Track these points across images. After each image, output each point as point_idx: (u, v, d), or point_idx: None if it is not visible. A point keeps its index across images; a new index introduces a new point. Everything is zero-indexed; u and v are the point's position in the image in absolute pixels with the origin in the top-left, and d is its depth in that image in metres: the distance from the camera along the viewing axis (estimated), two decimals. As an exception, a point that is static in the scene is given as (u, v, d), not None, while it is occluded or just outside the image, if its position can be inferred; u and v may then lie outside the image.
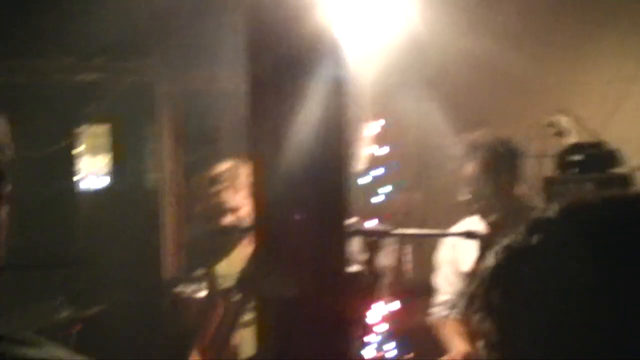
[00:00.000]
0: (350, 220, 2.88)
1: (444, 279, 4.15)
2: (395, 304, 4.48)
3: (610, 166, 4.56)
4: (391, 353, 4.46)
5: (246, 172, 3.47)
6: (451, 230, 3.98)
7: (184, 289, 4.79)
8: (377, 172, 4.83)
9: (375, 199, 4.80)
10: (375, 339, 4.38)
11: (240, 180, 4.01)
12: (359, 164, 4.70)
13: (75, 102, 6.14)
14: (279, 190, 2.69)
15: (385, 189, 4.82)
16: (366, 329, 4.23)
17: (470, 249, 3.75)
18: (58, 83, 5.93)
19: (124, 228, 6.11)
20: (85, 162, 6.44)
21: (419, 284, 4.47)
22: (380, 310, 4.41)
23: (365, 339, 4.23)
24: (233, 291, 3.73)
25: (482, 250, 3.59)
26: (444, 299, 4.15)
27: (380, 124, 4.92)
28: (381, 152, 4.90)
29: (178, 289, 4.87)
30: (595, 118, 5.11)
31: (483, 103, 5.24)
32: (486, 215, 3.93)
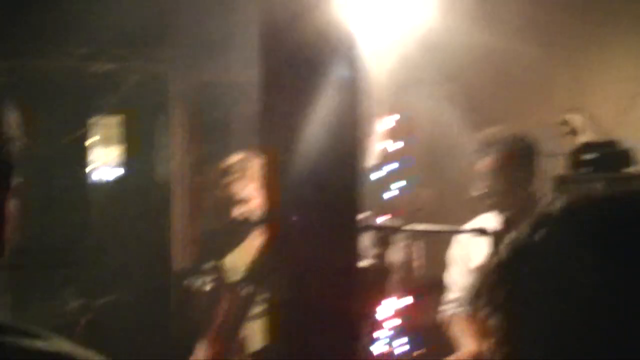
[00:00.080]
0: (362, 215, 2.88)
1: (456, 276, 4.14)
2: (407, 300, 4.47)
3: (624, 165, 4.53)
4: (402, 349, 4.44)
5: (258, 165, 3.47)
6: (464, 227, 3.96)
7: (194, 281, 4.79)
8: (391, 167, 4.81)
9: (389, 194, 4.78)
10: (386, 335, 4.37)
11: (251, 172, 4.01)
12: (373, 159, 4.68)
13: (89, 93, 6.16)
14: (291, 184, 2.69)
15: (399, 184, 4.81)
16: (376, 324, 4.22)
17: (483, 246, 3.73)
18: (72, 74, 5.94)
19: (135, 219, 6.12)
20: (98, 153, 6.46)
21: (432, 281, 4.46)
22: (392, 305, 4.40)
23: (376, 334, 4.23)
24: (242, 283, 3.74)
25: (495, 248, 3.57)
26: (455, 297, 4.14)
27: (394, 118, 4.91)
28: (395, 147, 4.88)
29: (188, 280, 4.87)
30: (609, 116, 5.08)
31: (497, 100, 5.22)
32: (501, 211, 3.91)
